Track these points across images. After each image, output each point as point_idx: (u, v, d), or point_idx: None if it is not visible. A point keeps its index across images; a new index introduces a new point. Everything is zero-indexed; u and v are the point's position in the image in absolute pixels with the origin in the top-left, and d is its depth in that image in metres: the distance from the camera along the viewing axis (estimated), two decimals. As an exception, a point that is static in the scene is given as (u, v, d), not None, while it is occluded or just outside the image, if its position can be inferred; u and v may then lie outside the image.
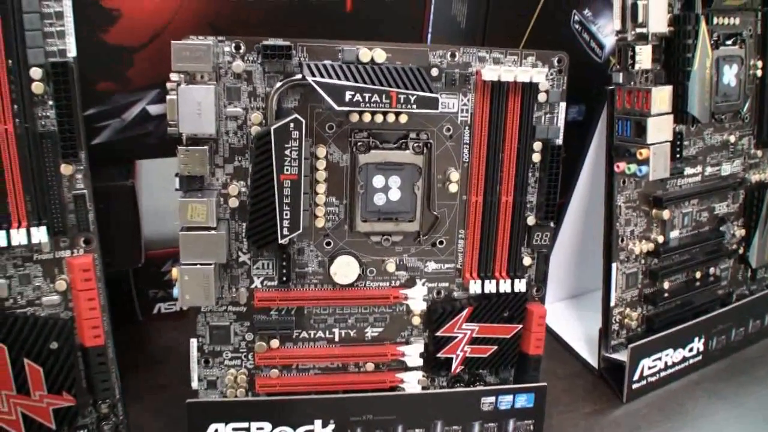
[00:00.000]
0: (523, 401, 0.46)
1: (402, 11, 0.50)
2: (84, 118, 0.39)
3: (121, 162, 0.49)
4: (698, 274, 0.56)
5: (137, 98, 0.48)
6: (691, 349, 0.54)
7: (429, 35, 0.54)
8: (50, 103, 0.37)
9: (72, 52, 0.37)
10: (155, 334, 0.55)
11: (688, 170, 0.53)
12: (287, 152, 0.39)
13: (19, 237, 0.38)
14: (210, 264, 0.39)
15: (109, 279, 0.41)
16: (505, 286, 0.44)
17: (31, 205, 0.38)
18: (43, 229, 0.38)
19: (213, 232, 0.39)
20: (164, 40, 0.46)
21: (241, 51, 0.39)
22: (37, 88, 0.37)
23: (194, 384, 0.43)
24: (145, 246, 0.50)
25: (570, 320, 0.59)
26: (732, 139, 0.55)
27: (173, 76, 0.38)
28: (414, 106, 0.39)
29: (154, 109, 0.48)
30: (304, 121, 0.38)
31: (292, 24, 0.48)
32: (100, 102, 0.47)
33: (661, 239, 0.52)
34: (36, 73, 0.37)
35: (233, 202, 0.40)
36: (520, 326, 0.45)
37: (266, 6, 0.47)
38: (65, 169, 0.38)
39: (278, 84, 0.39)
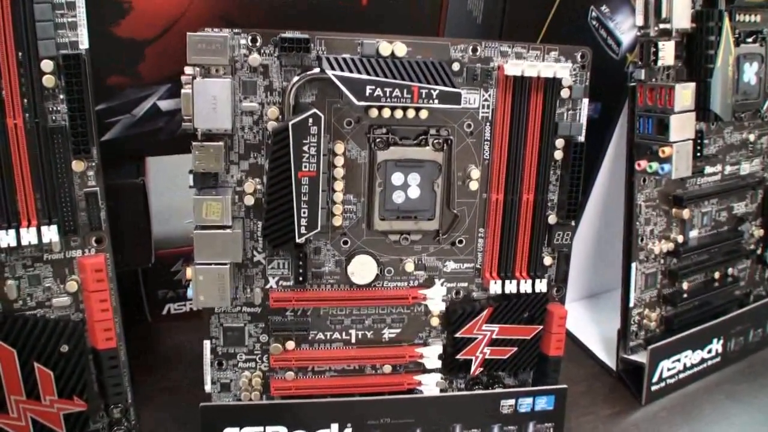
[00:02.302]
0: (543, 404, 0.45)
1: (418, 6, 0.49)
2: (95, 114, 0.38)
3: (131, 159, 0.48)
4: (717, 275, 0.55)
5: (148, 93, 0.46)
6: (709, 351, 0.53)
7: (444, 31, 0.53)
8: (61, 97, 0.36)
9: (84, 43, 0.36)
10: (165, 335, 0.53)
11: (708, 169, 0.52)
12: (305, 148, 0.37)
13: (28, 236, 0.36)
14: (225, 264, 0.38)
15: (118, 278, 0.40)
16: (525, 287, 0.43)
17: (41, 203, 0.37)
18: (54, 227, 0.37)
19: (228, 230, 0.38)
20: (176, 33, 0.45)
21: (258, 44, 0.38)
22: (48, 81, 0.36)
23: (207, 387, 0.42)
24: (155, 245, 0.49)
25: (586, 321, 0.58)
26: (751, 137, 0.54)
27: (188, 70, 0.37)
28: (436, 102, 0.38)
29: (165, 105, 0.47)
30: (323, 117, 0.37)
31: (306, 18, 0.47)
32: (110, 97, 0.46)
33: (680, 239, 0.51)
34: (47, 65, 0.35)
35: (249, 200, 0.39)
36: (541, 327, 0.44)
37: (281, 1, 0.46)
38: (77, 165, 0.37)
39: (296, 78, 0.38)
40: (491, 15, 0.53)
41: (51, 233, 0.37)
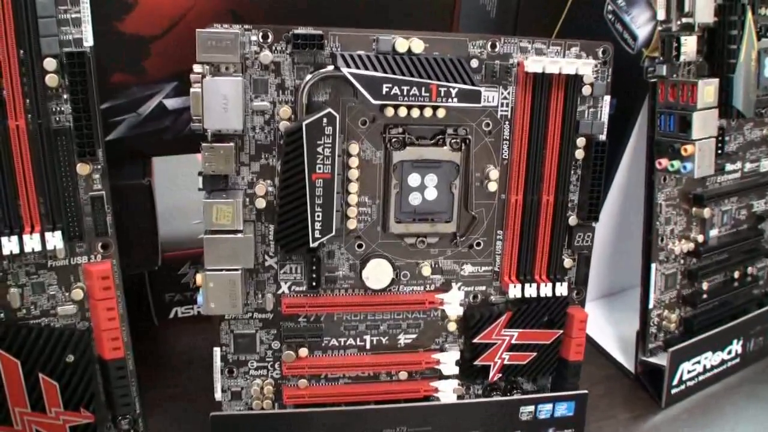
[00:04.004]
0: (563, 409, 0.43)
1: (431, 0, 0.48)
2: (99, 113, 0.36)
3: (136, 159, 0.47)
4: (737, 274, 0.54)
5: (154, 91, 0.45)
6: (729, 352, 0.52)
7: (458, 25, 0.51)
8: (65, 96, 0.35)
9: (89, 41, 0.35)
10: (173, 340, 0.52)
11: (729, 166, 0.51)
12: (320, 149, 0.36)
13: (32, 243, 0.35)
14: (237, 270, 0.37)
15: (123, 282, 0.39)
16: (545, 290, 0.42)
17: (45, 207, 0.35)
18: (58, 233, 0.35)
19: (240, 235, 0.37)
20: (183, 29, 0.43)
21: (269, 40, 0.36)
22: (51, 80, 0.34)
23: (218, 395, 0.41)
24: (162, 247, 0.48)
25: (603, 321, 0.57)
26: (772, 133, 0.53)
27: (197, 68, 0.35)
28: (455, 100, 0.37)
29: (171, 103, 0.45)
30: (338, 116, 0.36)
31: (316, 13, 0.45)
32: (115, 96, 0.44)
33: (701, 238, 0.50)
34: (50, 64, 0.34)
35: (260, 203, 0.38)
36: (561, 332, 0.43)
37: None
38: (81, 168, 0.36)
39: (309, 76, 0.37)
40: (505, 8, 0.52)
41: (55, 239, 0.35)
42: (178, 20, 0.43)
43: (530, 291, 0.42)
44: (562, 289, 0.42)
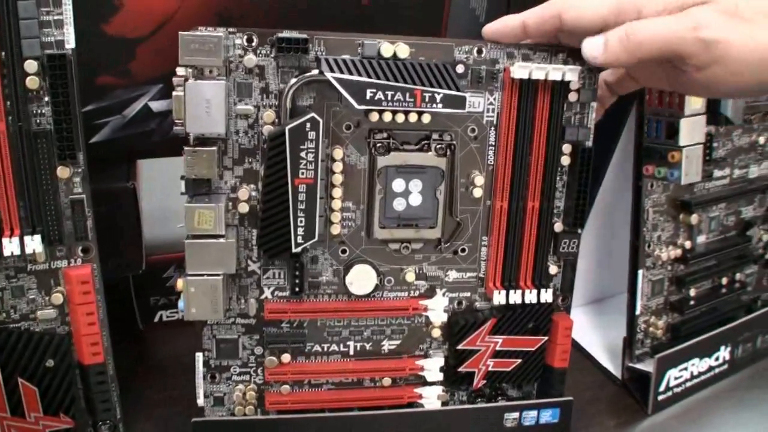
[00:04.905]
0: (548, 416, 0.43)
1: (420, 4, 0.47)
2: (82, 115, 0.36)
3: (121, 161, 0.46)
4: (724, 281, 0.54)
5: (139, 93, 0.44)
6: (717, 358, 0.52)
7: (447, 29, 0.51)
8: (46, 99, 0.34)
9: (70, 43, 0.34)
10: (157, 344, 0.52)
11: (717, 173, 0.51)
12: (303, 154, 0.36)
13: (11, 246, 0.35)
14: (218, 275, 0.37)
15: (108, 286, 0.38)
16: (530, 297, 0.42)
17: (25, 211, 0.35)
18: (38, 237, 0.35)
19: (222, 240, 0.36)
20: (169, 31, 0.43)
21: (254, 44, 0.36)
22: (32, 82, 0.34)
23: (200, 401, 0.40)
24: (146, 251, 0.47)
25: (590, 327, 0.57)
26: (761, 140, 0.53)
27: (180, 71, 0.35)
28: (440, 106, 0.37)
29: (156, 106, 0.45)
30: (321, 121, 0.36)
31: (305, 17, 0.45)
32: (100, 97, 0.44)
33: (688, 245, 0.50)
34: (31, 66, 0.33)
35: (243, 207, 0.38)
36: (546, 338, 0.43)
37: (277, -3, 0.45)
38: (62, 172, 0.35)
39: (293, 80, 0.36)
40: (495, 14, 0.51)
41: (35, 243, 0.35)
42: (163, 23, 0.43)
43: (515, 297, 0.41)
44: (547, 296, 0.42)
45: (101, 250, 0.38)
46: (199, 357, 0.40)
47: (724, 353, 0.52)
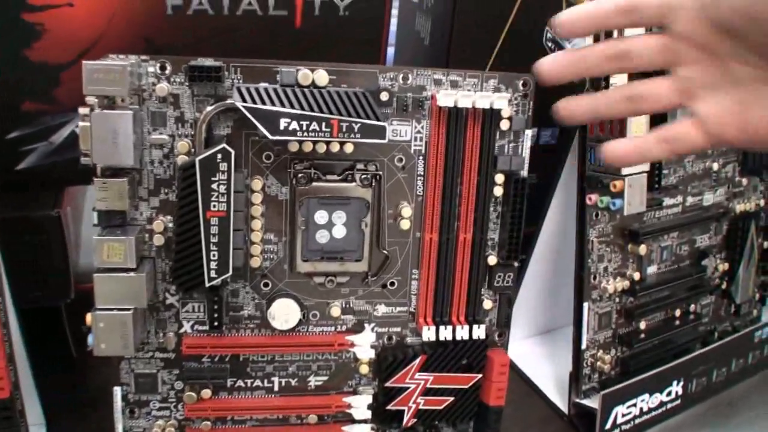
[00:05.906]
0: (482, 457, 0.42)
1: (358, 27, 0.46)
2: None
3: (49, 189, 0.45)
4: (678, 312, 0.52)
5: (66, 120, 0.43)
6: (668, 393, 0.50)
7: (391, 51, 0.50)
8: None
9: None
10: (90, 373, 0.50)
11: (668, 201, 0.49)
12: (214, 186, 0.35)
13: None
14: (128, 309, 0.35)
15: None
16: (462, 333, 0.40)
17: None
18: (-62, 270, 0.34)
19: (132, 273, 0.35)
20: (93, 57, 0.41)
21: (167, 72, 0.35)
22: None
23: (118, 437, 0.39)
24: (82, 278, 0.46)
25: (539, 359, 0.55)
26: (715, 166, 0.52)
27: (88, 100, 0.34)
28: (358, 136, 0.35)
29: (82, 132, 0.44)
30: (233, 152, 0.34)
31: (236, 40, 0.44)
32: (26, 123, 0.43)
33: (637, 276, 0.48)
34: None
35: (158, 239, 0.36)
36: (480, 375, 0.41)
37: (208, 21, 0.44)
38: (-36, 202, 0.34)
39: (208, 108, 0.35)
40: (439, 37, 0.50)
41: (-66, 277, 0.34)
42: (88, 48, 0.42)
43: (445, 333, 0.40)
44: (480, 332, 0.40)
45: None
46: (118, 391, 0.39)
47: (676, 388, 0.50)
